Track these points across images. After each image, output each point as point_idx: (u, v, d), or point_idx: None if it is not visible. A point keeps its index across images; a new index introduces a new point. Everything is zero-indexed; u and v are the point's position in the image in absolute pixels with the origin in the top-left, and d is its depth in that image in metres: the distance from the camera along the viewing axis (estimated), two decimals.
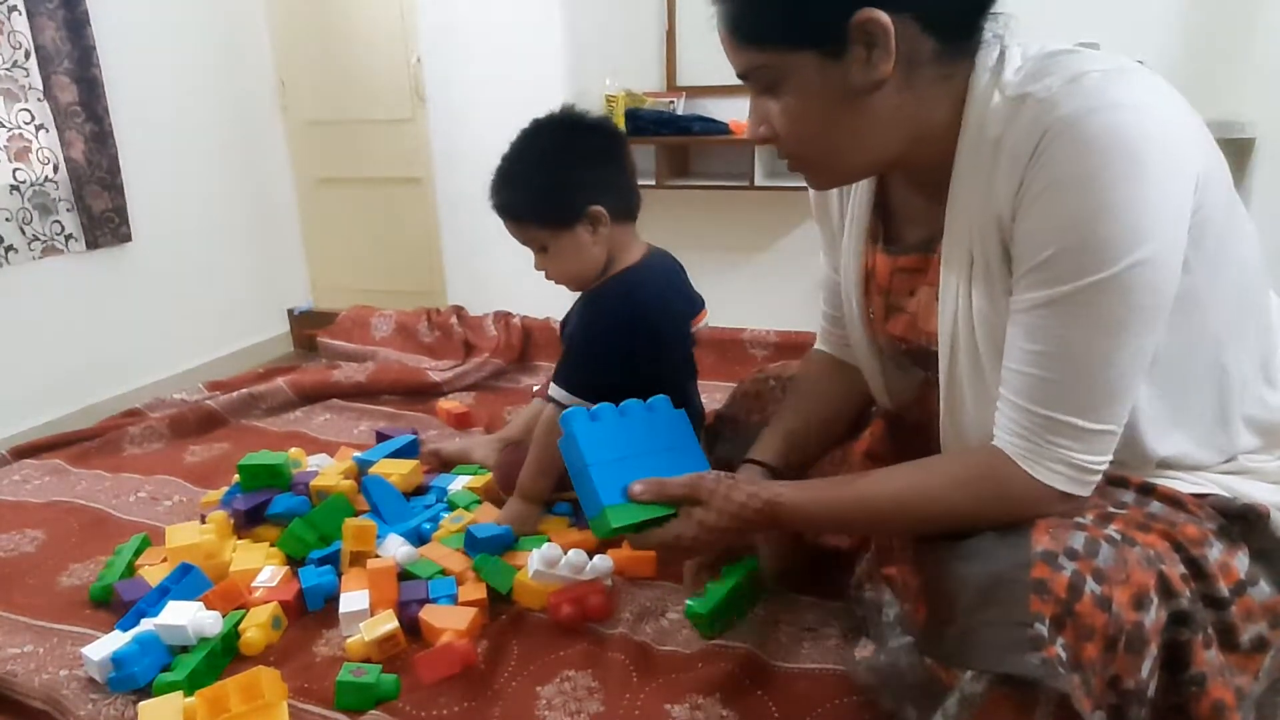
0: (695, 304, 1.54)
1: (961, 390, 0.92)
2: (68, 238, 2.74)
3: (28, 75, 2.61)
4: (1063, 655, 0.73)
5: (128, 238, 2.89)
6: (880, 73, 0.82)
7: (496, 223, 1.42)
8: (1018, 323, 0.83)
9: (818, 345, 1.27)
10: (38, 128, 2.64)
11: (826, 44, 0.82)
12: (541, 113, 1.44)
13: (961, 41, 0.85)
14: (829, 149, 0.90)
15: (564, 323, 1.56)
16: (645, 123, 3.02)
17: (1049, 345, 0.81)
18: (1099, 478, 0.84)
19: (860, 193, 1.06)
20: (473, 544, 1.33)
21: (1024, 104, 0.81)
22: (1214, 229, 0.82)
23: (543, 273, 1.46)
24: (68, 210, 2.73)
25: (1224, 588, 0.79)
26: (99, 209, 2.79)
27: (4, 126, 2.57)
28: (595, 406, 1.06)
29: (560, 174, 1.37)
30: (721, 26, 0.88)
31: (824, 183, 1.00)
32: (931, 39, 0.83)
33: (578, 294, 1.49)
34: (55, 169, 2.68)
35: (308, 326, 3.03)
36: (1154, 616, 0.75)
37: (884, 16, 0.79)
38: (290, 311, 3.56)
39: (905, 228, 1.02)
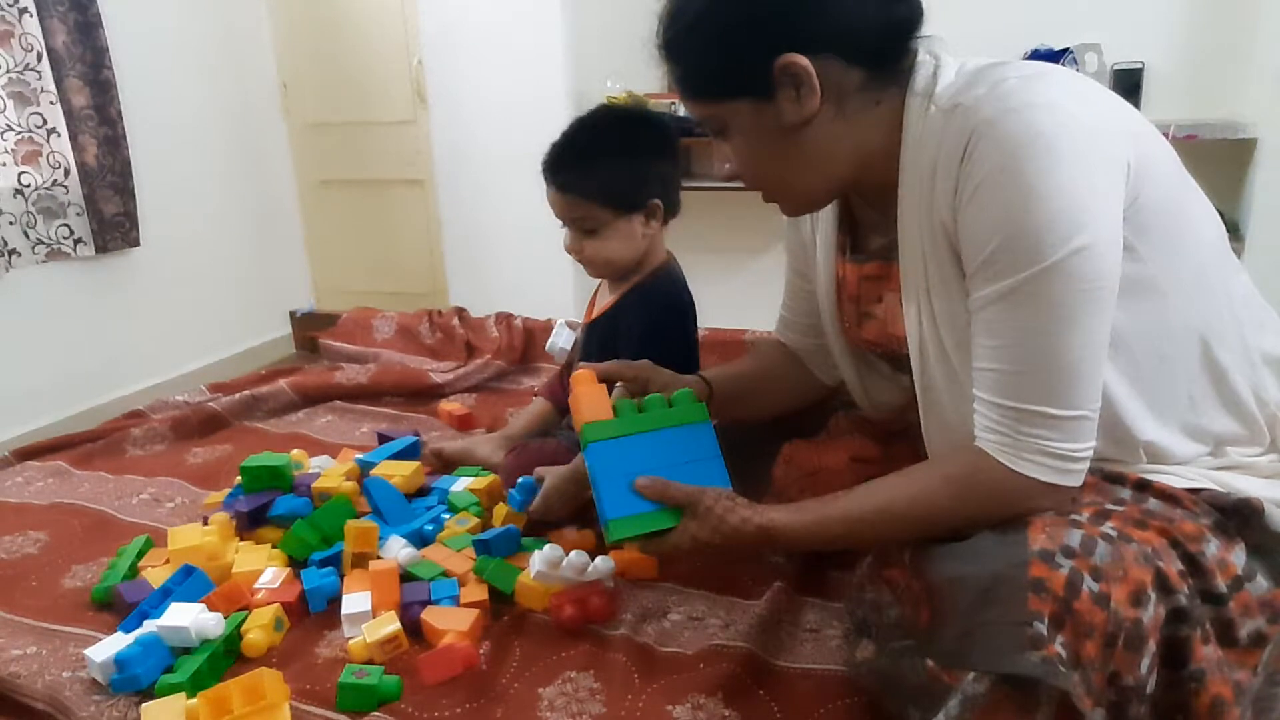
0: None
1: (938, 392, 0.96)
2: (76, 242, 2.71)
3: (40, 78, 2.57)
4: (1062, 653, 0.74)
5: (136, 242, 2.88)
6: (810, 108, 0.89)
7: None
8: (976, 321, 0.87)
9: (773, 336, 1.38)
10: (49, 131, 2.61)
11: (756, 90, 0.90)
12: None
13: (889, 68, 0.91)
14: (781, 181, 0.97)
15: (594, 325, 1.57)
16: None
17: (1006, 339, 0.84)
18: (1083, 466, 0.85)
19: (827, 207, 1.12)
20: (484, 549, 1.34)
21: (954, 114, 0.86)
22: (1159, 216, 0.85)
23: (573, 252, 1.49)
24: (77, 215, 2.70)
25: (1221, 583, 0.80)
26: (110, 213, 2.77)
27: (13, 130, 2.55)
28: (615, 414, 1.05)
29: (636, 162, 1.42)
30: (671, 84, 0.96)
31: (791, 210, 1.06)
32: (857, 70, 0.89)
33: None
34: (66, 173, 2.66)
35: (309, 328, 3.02)
36: (1152, 613, 0.76)
37: (802, 59, 0.87)
38: (292, 313, 3.55)
39: (867, 237, 1.08)
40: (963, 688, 0.77)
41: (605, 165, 1.41)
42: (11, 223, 2.55)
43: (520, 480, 1.42)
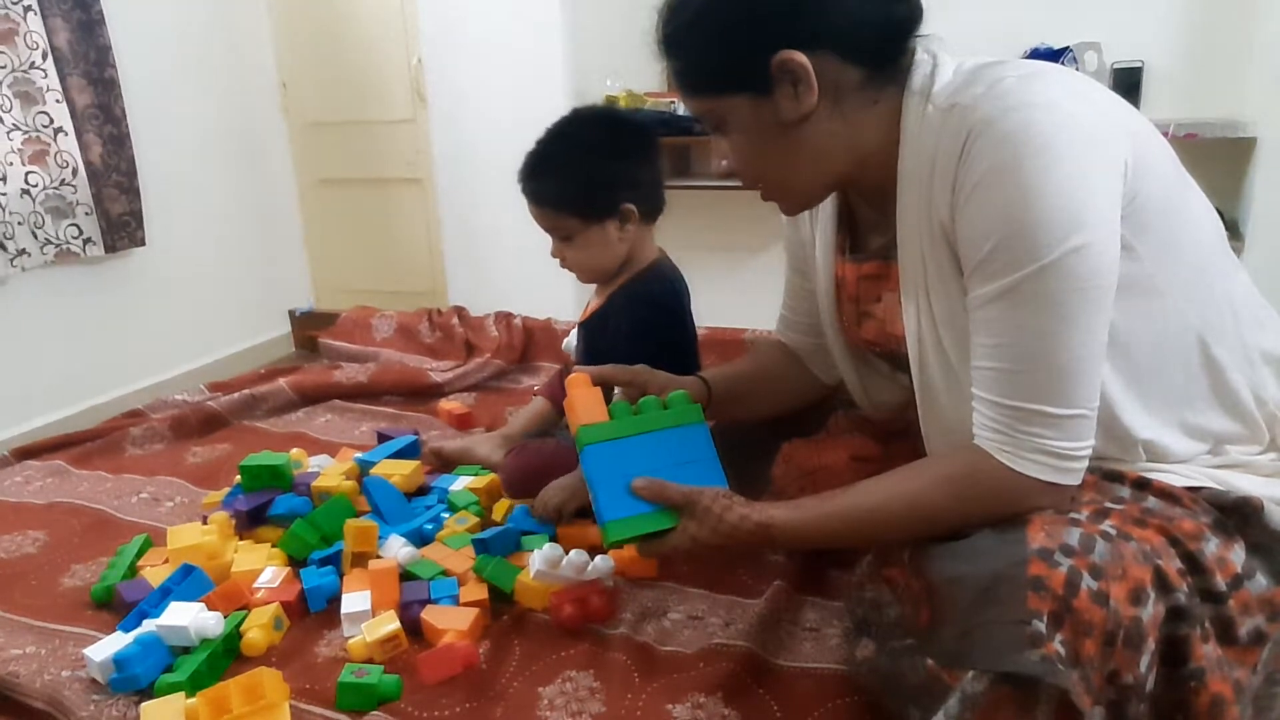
0: None
1: (937, 392, 0.96)
2: (85, 241, 2.70)
3: (46, 77, 2.55)
4: (1062, 652, 0.74)
5: (143, 241, 2.87)
6: (807, 105, 0.89)
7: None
8: (975, 320, 0.87)
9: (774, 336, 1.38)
10: (56, 130, 2.59)
11: (754, 86, 0.90)
12: (544, 112, 1.45)
13: (887, 67, 0.91)
14: (778, 177, 0.98)
15: (585, 326, 1.57)
16: None
17: (1005, 337, 0.84)
18: (1082, 465, 0.85)
19: (826, 206, 1.13)
20: (483, 548, 1.34)
21: (952, 113, 0.86)
22: (1157, 215, 0.85)
23: (558, 260, 1.49)
24: (86, 214, 2.68)
25: (1221, 582, 0.80)
26: (116, 212, 2.76)
27: (20, 129, 2.53)
28: (611, 416, 1.05)
29: (599, 168, 1.41)
30: (670, 79, 0.97)
31: (789, 208, 1.07)
32: (856, 68, 0.89)
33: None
34: (74, 172, 2.64)
35: (309, 327, 3.02)
36: (1151, 611, 0.76)
37: (799, 55, 0.87)
38: (291, 312, 3.55)
39: (866, 236, 1.08)
40: (962, 687, 0.77)
41: (569, 174, 1.41)
42: (20, 223, 2.53)
43: (518, 509, 1.45)
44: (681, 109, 3.20)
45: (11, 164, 2.52)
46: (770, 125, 0.92)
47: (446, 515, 1.47)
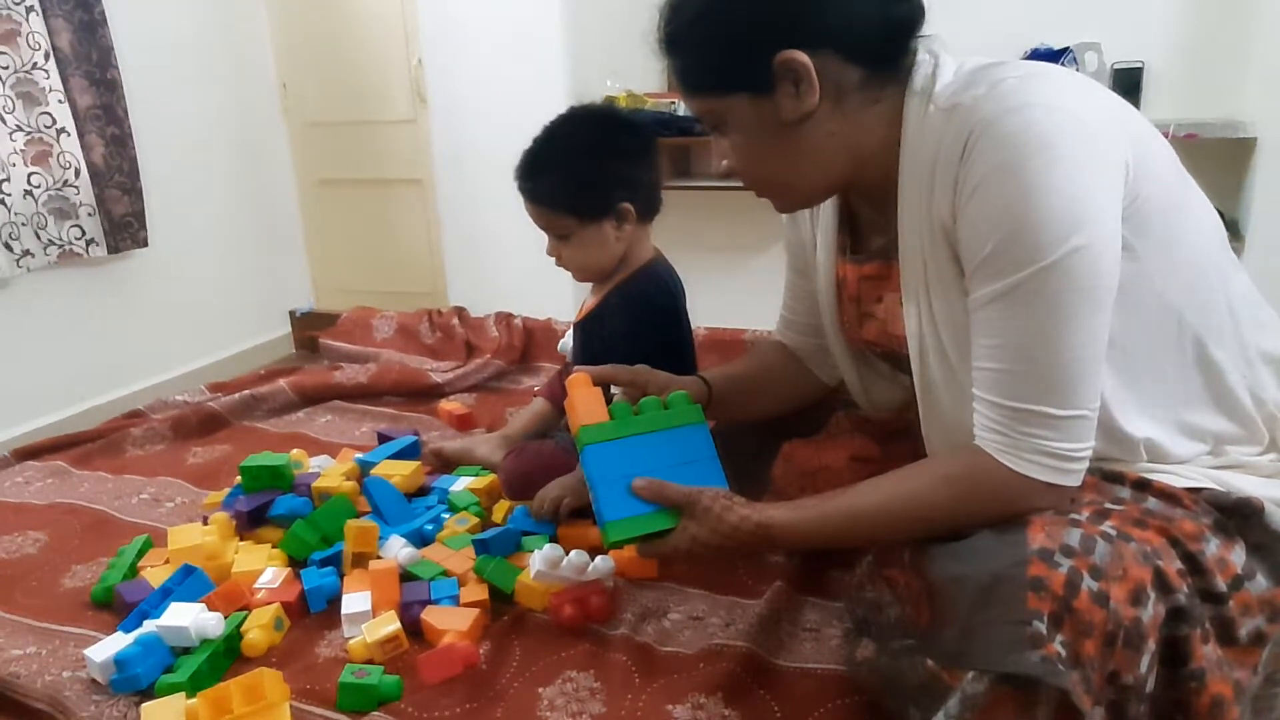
0: None
1: (938, 392, 0.96)
2: (88, 242, 2.69)
3: (48, 77, 2.54)
4: (1062, 652, 0.74)
5: (145, 242, 2.87)
6: (808, 104, 0.89)
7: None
8: (975, 321, 0.87)
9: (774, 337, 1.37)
10: (59, 131, 2.58)
11: (755, 85, 0.90)
12: (544, 112, 1.46)
13: (888, 67, 0.91)
14: (778, 177, 0.98)
15: (581, 326, 1.57)
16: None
17: (1005, 338, 0.84)
18: (1082, 466, 0.85)
19: (827, 207, 1.13)
20: (484, 548, 1.34)
21: (954, 113, 0.86)
22: (1158, 215, 0.85)
23: (554, 259, 1.49)
24: (89, 215, 2.68)
25: (1221, 582, 0.80)
26: (119, 213, 2.76)
27: (23, 130, 2.53)
28: (611, 417, 1.05)
29: (597, 167, 1.41)
30: (671, 78, 0.97)
31: (786, 207, 1.07)
32: (857, 68, 0.89)
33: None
34: (76, 173, 2.64)
35: (309, 328, 3.03)
36: (1151, 612, 0.76)
37: (801, 55, 0.87)
38: (292, 313, 3.56)
39: (867, 236, 1.08)
40: (962, 687, 0.77)
41: (566, 173, 1.41)
42: (24, 224, 2.53)
43: (518, 509, 1.45)
44: (682, 109, 3.20)
45: (14, 165, 2.52)
46: (771, 125, 0.92)
47: (447, 516, 1.47)
